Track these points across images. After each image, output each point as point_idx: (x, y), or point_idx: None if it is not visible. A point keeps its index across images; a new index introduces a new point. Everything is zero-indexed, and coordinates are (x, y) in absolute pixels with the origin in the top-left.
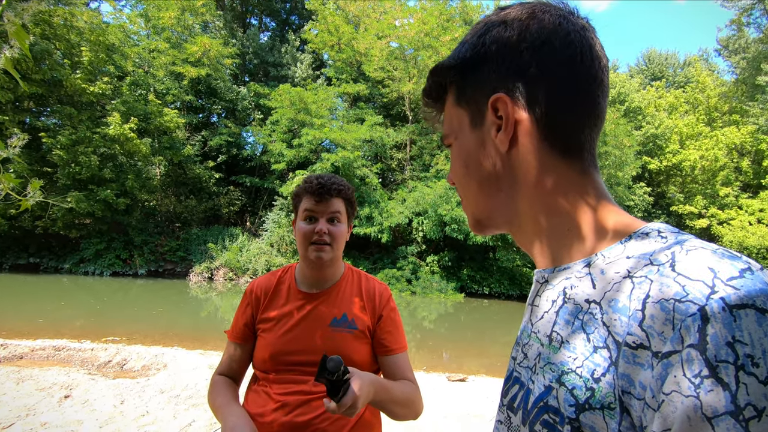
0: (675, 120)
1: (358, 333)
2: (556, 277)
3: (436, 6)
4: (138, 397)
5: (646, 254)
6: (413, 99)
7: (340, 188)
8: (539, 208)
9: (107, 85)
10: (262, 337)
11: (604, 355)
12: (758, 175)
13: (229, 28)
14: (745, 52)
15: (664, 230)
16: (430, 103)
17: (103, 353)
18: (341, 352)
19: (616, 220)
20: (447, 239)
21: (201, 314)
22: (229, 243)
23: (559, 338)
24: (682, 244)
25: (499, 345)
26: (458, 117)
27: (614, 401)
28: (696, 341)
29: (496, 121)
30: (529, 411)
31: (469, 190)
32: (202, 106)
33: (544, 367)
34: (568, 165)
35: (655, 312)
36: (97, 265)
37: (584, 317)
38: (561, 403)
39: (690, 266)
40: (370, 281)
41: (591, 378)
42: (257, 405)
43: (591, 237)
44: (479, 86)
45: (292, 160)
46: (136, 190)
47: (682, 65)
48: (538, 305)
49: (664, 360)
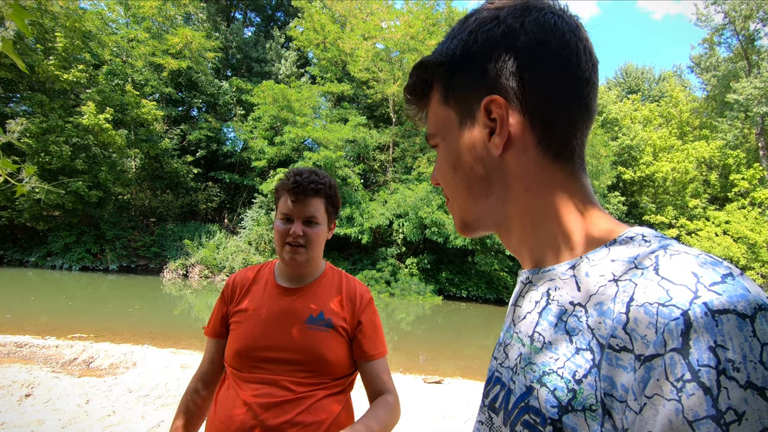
0: (649, 132)
1: (334, 332)
2: (540, 278)
3: (423, 10)
4: (104, 397)
5: (630, 258)
6: (397, 101)
7: (318, 187)
8: (528, 212)
9: (82, 73)
10: (233, 330)
11: (587, 357)
12: (725, 188)
13: (213, 21)
14: (715, 70)
15: (648, 235)
16: (413, 100)
17: (69, 350)
18: (315, 351)
19: (601, 225)
20: (427, 242)
21: (174, 312)
22: (205, 240)
23: (542, 339)
24: (666, 248)
25: (475, 348)
26: (445, 117)
27: (596, 403)
28: (679, 345)
29: (488, 124)
30: (510, 411)
31: (457, 192)
32: (182, 99)
33: (525, 368)
34: (560, 169)
35: (639, 315)
36: (66, 259)
37: (568, 319)
38: (542, 403)
39: (673, 271)
40: (350, 281)
41: (572, 379)
42: (226, 407)
43: (577, 240)
44: (469, 86)
45: (274, 158)
46: (110, 183)
47: (657, 80)
48: (521, 306)
49: (647, 363)
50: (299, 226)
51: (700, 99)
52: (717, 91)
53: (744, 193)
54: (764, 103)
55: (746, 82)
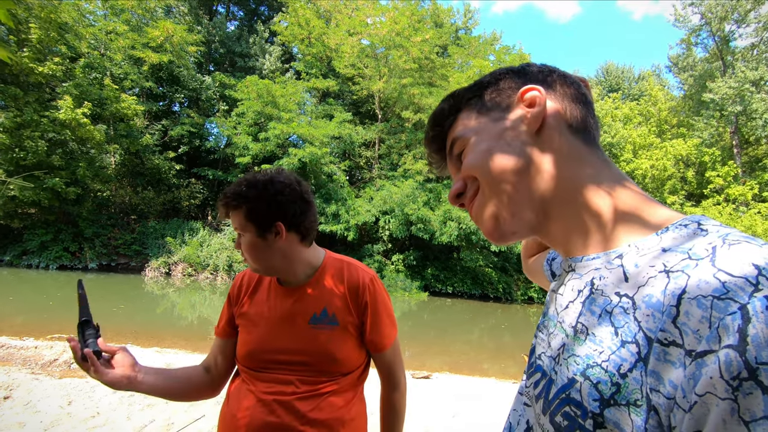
0: (629, 130)
1: (340, 329)
2: (584, 266)
3: (408, 6)
4: (88, 398)
5: (684, 248)
6: (383, 97)
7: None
8: (569, 191)
9: (58, 66)
10: (241, 332)
11: (632, 350)
12: (701, 185)
13: (195, 15)
14: (692, 70)
15: (704, 222)
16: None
17: (49, 351)
18: (323, 351)
19: (651, 211)
20: (413, 238)
21: (157, 311)
22: (188, 237)
23: (585, 330)
24: (725, 237)
25: (461, 343)
26: (478, 120)
27: (641, 398)
28: (735, 342)
29: (525, 109)
30: (550, 401)
31: (494, 178)
32: (164, 93)
33: (568, 359)
34: (593, 152)
35: (691, 309)
36: (42, 257)
37: (613, 310)
38: (584, 396)
39: (732, 261)
40: (353, 270)
41: (617, 373)
42: (239, 402)
43: (624, 226)
44: (503, 93)
45: (258, 154)
46: (88, 179)
47: (636, 79)
48: (563, 294)
49: (698, 359)
50: (237, 240)
51: (677, 98)
52: (694, 91)
53: (719, 190)
54: (738, 102)
55: (721, 82)
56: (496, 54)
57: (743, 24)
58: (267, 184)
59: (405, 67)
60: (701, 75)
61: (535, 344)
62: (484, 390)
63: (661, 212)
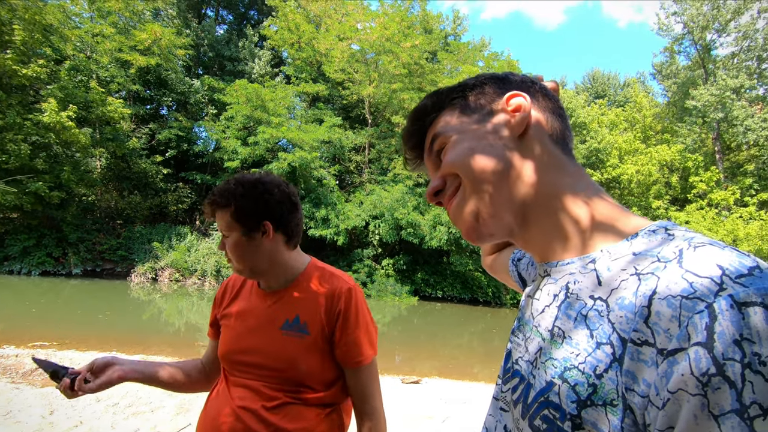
0: (615, 136)
1: (310, 339)
2: (559, 271)
3: (398, 12)
4: (70, 407)
5: (653, 251)
6: (373, 102)
7: (225, 198)
8: (546, 197)
9: (42, 68)
10: (222, 333)
11: (607, 351)
12: (685, 190)
13: (183, 18)
14: (675, 78)
15: (671, 228)
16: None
17: (30, 360)
18: (289, 359)
19: (624, 219)
20: (403, 243)
21: (143, 317)
22: (176, 242)
23: (561, 333)
24: (690, 241)
25: (450, 347)
26: (460, 120)
27: (617, 398)
28: (703, 339)
29: (510, 113)
30: (529, 405)
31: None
32: (151, 97)
33: (546, 362)
34: (571, 161)
35: (662, 309)
36: (25, 263)
37: (588, 313)
38: (562, 399)
39: (698, 263)
40: (332, 278)
41: (593, 374)
42: (215, 409)
43: (599, 233)
44: (488, 95)
45: (247, 158)
46: (73, 183)
47: (622, 86)
48: (539, 299)
49: (670, 357)
50: (222, 242)
51: (661, 105)
52: (677, 98)
53: (702, 195)
54: (720, 109)
55: (703, 89)
56: (485, 60)
57: (724, 33)
58: (256, 183)
59: (395, 72)
60: (684, 82)
61: (510, 349)
62: (474, 394)
63: (633, 220)
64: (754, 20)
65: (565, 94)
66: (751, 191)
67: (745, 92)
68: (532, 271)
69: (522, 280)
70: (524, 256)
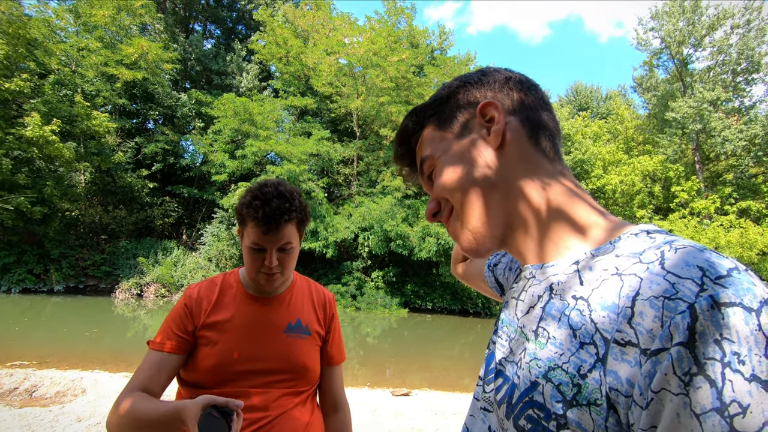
0: (599, 147)
1: (311, 339)
2: (543, 273)
3: (385, 27)
4: (50, 427)
5: (635, 253)
6: (361, 115)
7: (290, 212)
8: (530, 204)
9: (26, 82)
10: (205, 345)
11: (591, 351)
12: (667, 200)
13: (170, 32)
14: (655, 90)
15: (652, 231)
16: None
17: (8, 379)
18: (296, 359)
19: (604, 221)
20: (392, 255)
21: (127, 334)
22: (162, 257)
23: (546, 334)
24: (671, 243)
25: (441, 359)
26: (442, 138)
27: (601, 398)
28: (685, 339)
29: (485, 125)
30: (513, 406)
31: (463, 195)
32: (137, 111)
33: (530, 362)
34: (553, 165)
35: (645, 309)
36: (4, 280)
37: (571, 313)
38: (547, 399)
39: (679, 265)
40: (318, 288)
41: (577, 374)
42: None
43: (581, 236)
44: (463, 107)
45: (235, 172)
46: (56, 198)
47: (604, 98)
48: (524, 300)
49: (653, 357)
50: (274, 256)
51: (642, 117)
52: (657, 110)
53: (684, 204)
54: (698, 121)
55: (682, 101)
56: None
57: (700, 48)
58: (295, 191)
59: (382, 85)
60: (663, 95)
61: (493, 350)
62: (465, 405)
63: (616, 224)
64: (727, 36)
65: None
66: (730, 200)
67: (722, 104)
68: (510, 276)
69: (499, 285)
70: (500, 261)
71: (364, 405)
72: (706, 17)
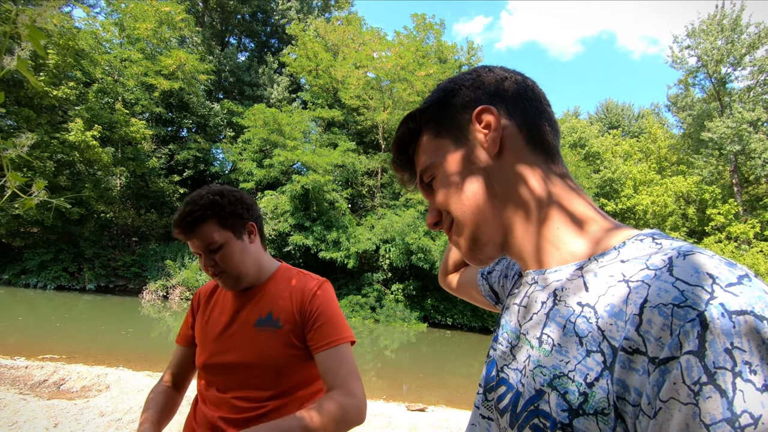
0: (630, 166)
1: (282, 332)
2: (546, 279)
3: (413, 42)
4: (74, 420)
5: (642, 259)
6: (387, 128)
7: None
8: (531, 210)
9: (72, 90)
10: (197, 337)
11: (598, 359)
12: (702, 222)
13: (207, 45)
14: (690, 110)
15: (658, 236)
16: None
17: (39, 372)
18: (262, 352)
19: (608, 226)
20: (413, 268)
21: (151, 334)
22: (188, 261)
23: (551, 341)
24: (679, 249)
25: (459, 377)
26: (440, 145)
27: (608, 407)
28: (695, 348)
29: (482, 131)
30: (518, 414)
31: (463, 204)
32: (172, 119)
33: (535, 370)
34: (551, 168)
35: (653, 317)
36: (41, 277)
37: (576, 320)
38: (553, 407)
39: (688, 272)
40: (303, 277)
41: (584, 383)
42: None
43: (584, 241)
44: (458, 112)
45: (262, 180)
46: (93, 200)
47: (636, 117)
48: (527, 306)
49: (662, 366)
50: (206, 259)
51: (677, 136)
52: (692, 129)
53: (720, 227)
54: (736, 142)
55: (719, 121)
56: None
57: (739, 67)
58: (224, 191)
59: (409, 99)
60: (699, 114)
61: (494, 358)
62: None
63: (620, 229)
64: None
65: (578, 124)
66: None
67: (763, 125)
68: (507, 283)
69: (494, 294)
70: (494, 269)
71: (378, 418)
72: (746, 36)
